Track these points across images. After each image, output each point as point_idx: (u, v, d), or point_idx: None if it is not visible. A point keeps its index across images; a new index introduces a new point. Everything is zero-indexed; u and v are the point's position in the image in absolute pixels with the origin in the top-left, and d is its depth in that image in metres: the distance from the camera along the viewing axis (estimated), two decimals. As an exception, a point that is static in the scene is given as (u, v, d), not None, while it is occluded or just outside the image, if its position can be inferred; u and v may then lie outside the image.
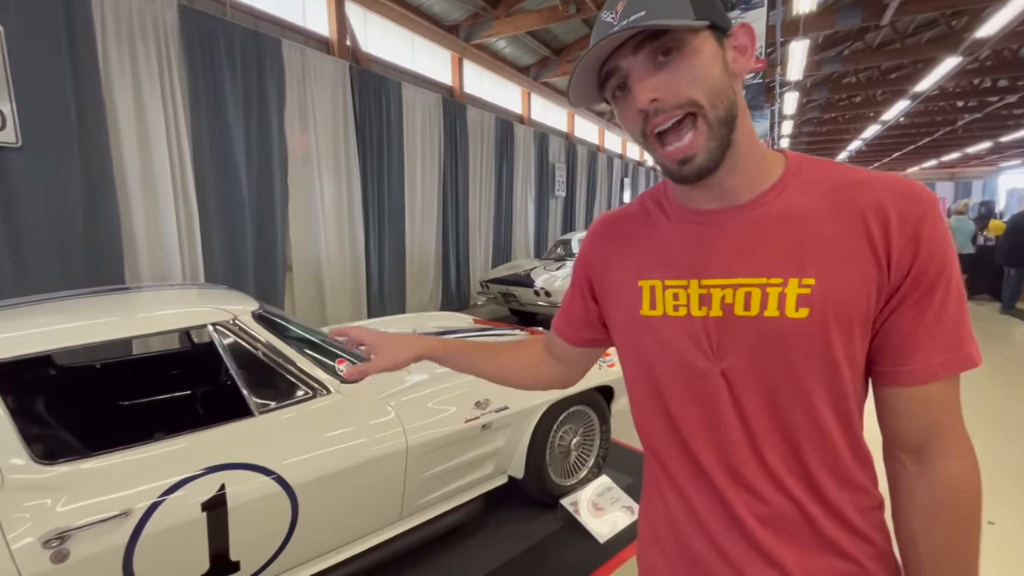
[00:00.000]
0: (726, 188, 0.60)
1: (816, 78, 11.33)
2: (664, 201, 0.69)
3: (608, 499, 2.36)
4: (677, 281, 0.62)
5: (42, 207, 3.19)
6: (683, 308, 0.62)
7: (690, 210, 0.64)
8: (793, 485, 0.58)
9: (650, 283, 0.65)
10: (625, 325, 0.69)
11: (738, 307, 0.58)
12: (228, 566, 1.42)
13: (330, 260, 5.31)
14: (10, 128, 2.99)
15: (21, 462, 1.21)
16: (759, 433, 0.58)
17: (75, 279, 3.30)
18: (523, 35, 7.90)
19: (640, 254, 0.68)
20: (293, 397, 1.64)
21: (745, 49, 0.57)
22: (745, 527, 0.60)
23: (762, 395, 0.58)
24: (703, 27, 0.53)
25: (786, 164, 0.61)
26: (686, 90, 0.54)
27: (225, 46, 4.09)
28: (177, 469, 1.36)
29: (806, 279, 0.55)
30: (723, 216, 0.61)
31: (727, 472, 0.61)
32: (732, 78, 0.57)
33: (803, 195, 0.58)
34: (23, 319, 1.50)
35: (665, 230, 0.66)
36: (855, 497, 0.59)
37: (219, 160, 4.15)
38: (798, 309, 0.55)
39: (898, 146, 20.40)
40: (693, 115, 0.55)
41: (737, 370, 0.58)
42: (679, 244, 0.64)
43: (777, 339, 0.56)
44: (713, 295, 0.59)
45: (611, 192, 12.82)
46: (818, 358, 0.55)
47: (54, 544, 1.16)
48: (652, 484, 0.71)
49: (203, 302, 1.76)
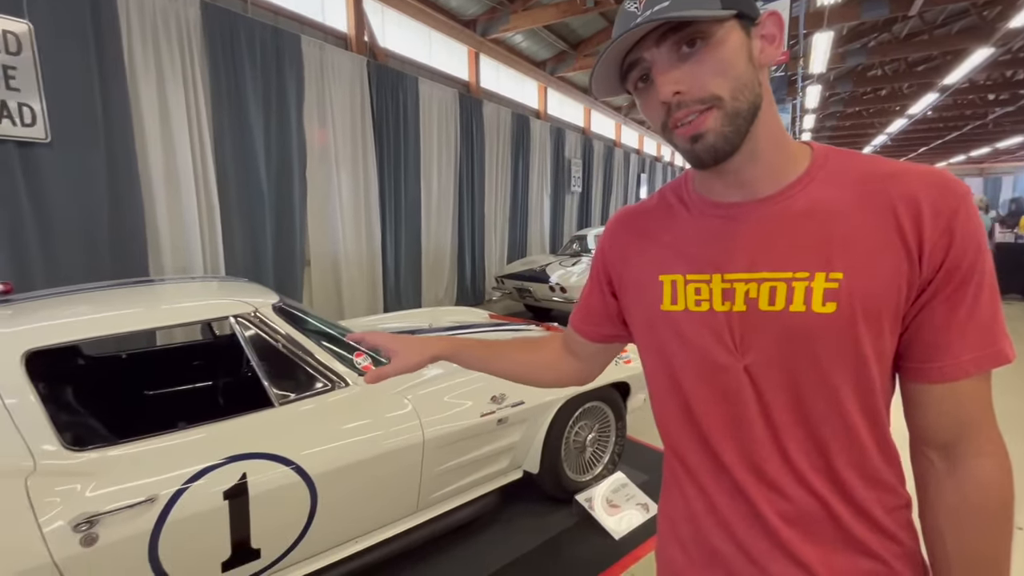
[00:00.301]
0: (746, 178, 0.59)
1: (840, 71, 11.07)
2: (685, 194, 0.68)
3: (623, 496, 2.35)
4: (699, 275, 0.61)
5: (70, 201, 3.27)
6: (705, 303, 0.61)
7: (712, 203, 0.63)
8: (818, 482, 0.57)
9: (671, 277, 0.64)
10: (645, 320, 0.69)
11: (762, 302, 0.57)
12: (249, 553, 1.45)
13: (347, 255, 5.36)
14: (40, 124, 3.07)
15: (52, 448, 1.25)
16: (783, 429, 0.58)
17: (101, 271, 3.39)
18: (540, 29, 7.86)
19: (660, 248, 0.67)
20: (312, 389, 1.66)
21: (773, 38, 0.55)
22: (768, 525, 0.59)
23: (786, 391, 0.57)
24: (729, 17, 0.52)
25: (812, 156, 0.59)
26: (709, 83, 0.53)
27: (246, 42, 4.14)
28: (200, 458, 1.39)
29: (833, 273, 0.54)
30: (746, 209, 0.60)
31: (750, 469, 0.60)
32: (758, 69, 0.55)
33: (830, 187, 0.57)
34: (53, 309, 1.54)
35: (686, 223, 0.65)
36: (881, 495, 0.58)
37: (239, 155, 4.21)
38: (825, 304, 0.54)
39: (924, 141, 19.85)
40: (713, 108, 0.54)
41: (761, 365, 0.58)
42: (701, 238, 0.63)
43: (803, 334, 0.55)
44: (736, 289, 0.59)
45: (627, 188, 12.70)
46: (845, 353, 0.54)
47: (83, 528, 1.19)
48: (672, 480, 0.71)
49: (225, 295, 1.79)
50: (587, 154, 10.35)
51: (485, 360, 0.86)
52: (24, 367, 1.28)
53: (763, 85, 0.56)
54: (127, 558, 1.26)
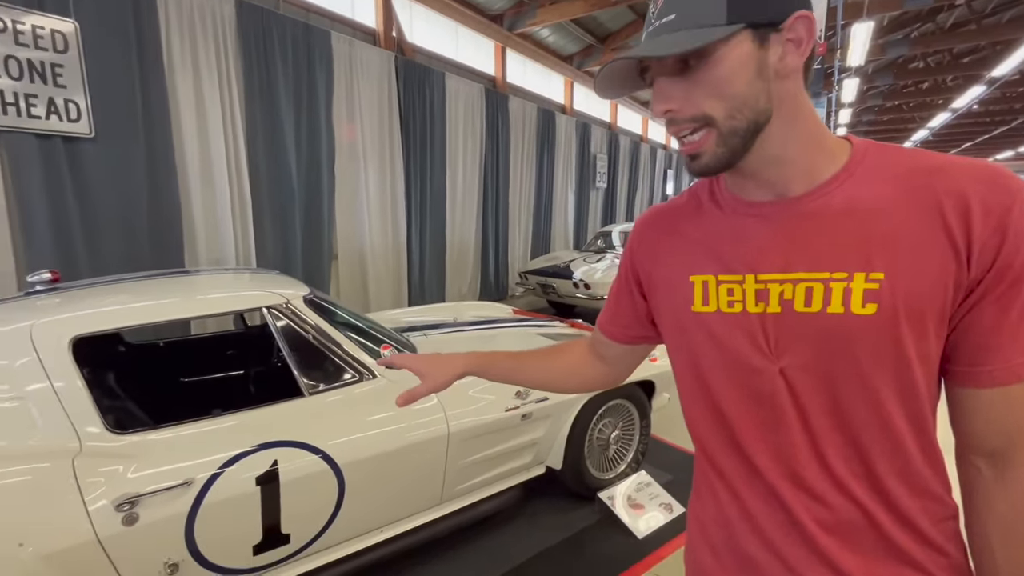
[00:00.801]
0: (773, 180, 0.58)
1: (879, 63, 10.66)
2: (717, 191, 0.66)
3: (647, 495, 2.33)
4: (732, 276, 0.60)
5: (112, 194, 3.40)
6: (738, 304, 0.59)
7: (744, 201, 0.61)
8: (859, 490, 0.55)
9: (703, 278, 0.62)
10: (675, 321, 0.67)
11: (798, 303, 0.55)
12: (279, 538, 1.49)
13: (373, 249, 5.43)
14: (84, 120, 3.19)
15: (96, 430, 1.31)
16: (821, 434, 0.56)
17: (140, 261, 3.51)
18: (567, 23, 7.78)
19: (691, 247, 0.65)
20: (340, 380, 1.69)
21: (801, 42, 0.52)
22: (806, 531, 0.57)
23: (824, 395, 0.55)
24: (732, 33, 0.50)
25: (851, 152, 0.57)
26: (702, 103, 0.53)
27: (278, 39, 4.22)
28: (234, 444, 1.43)
29: (874, 273, 0.52)
30: (779, 208, 0.58)
31: (786, 475, 0.58)
32: (775, 78, 0.53)
33: (869, 184, 0.54)
34: (98, 298, 1.61)
35: (718, 222, 0.63)
36: (927, 504, 0.55)
37: (271, 150, 4.30)
38: (865, 305, 0.52)
39: (969, 136, 18.99)
40: (707, 127, 0.54)
41: (797, 368, 0.56)
42: (733, 237, 0.61)
43: (841, 336, 0.53)
44: (771, 290, 0.57)
45: (653, 184, 12.51)
46: (887, 356, 0.52)
47: (125, 508, 1.24)
48: (703, 482, 0.69)
49: (257, 286, 1.83)
50: (613, 149, 10.24)
51: (512, 372, 0.87)
52: (71, 353, 1.34)
53: (787, 92, 0.54)
54: (165, 538, 1.31)
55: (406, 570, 1.90)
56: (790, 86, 0.54)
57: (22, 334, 1.32)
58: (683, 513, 2.26)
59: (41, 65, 2.99)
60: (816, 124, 0.57)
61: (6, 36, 2.86)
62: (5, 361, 1.28)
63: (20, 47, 2.91)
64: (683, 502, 2.31)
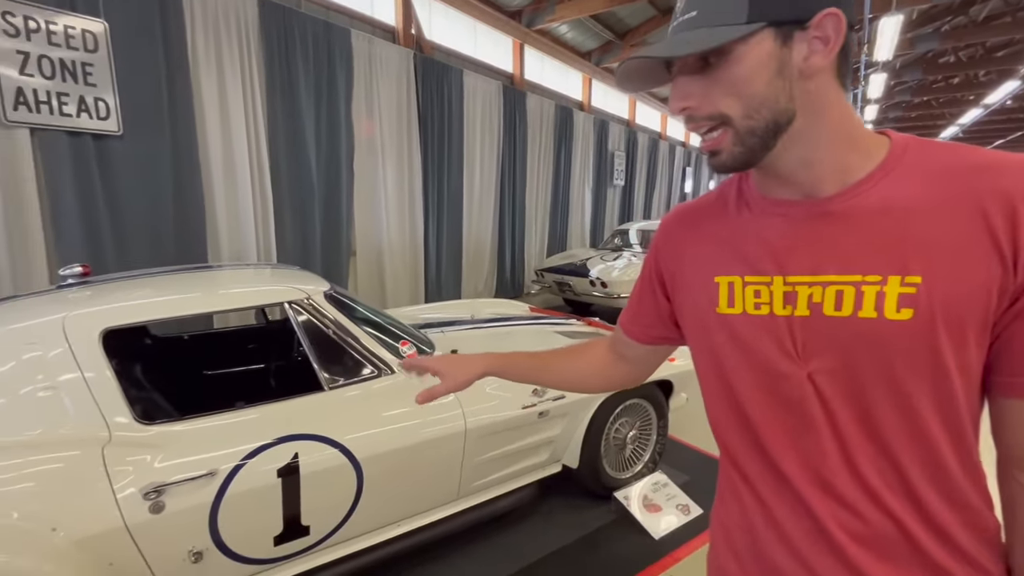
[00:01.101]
0: (800, 180, 0.56)
1: (908, 58, 10.36)
2: (745, 190, 0.64)
3: (663, 496, 2.31)
4: (759, 278, 0.58)
5: (138, 190, 3.48)
6: (765, 306, 0.58)
7: (772, 200, 0.60)
8: (892, 501, 0.53)
9: (728, 279, 0.61)
10: (699, 323, 0.66)
11: (827, 306, 0.53)
12: (299, 529, 1.51)
13: (391, 245, 5.48)
14: (113, 118, 3.27)
15: (125, 420, 1.34)
16: (852, 443, 0.54)
17: (165, 256, 3.59)
18: (586, 19, 7.71)
19: (717, 248, 0.64)
20: (360, 375, 1.71)
21: (828, 41, 0.50)
22: (834, 541, 0.56)
23: (854, 401, 0.53)
24: (753, 32, 0.49)
25: (889, 148, 0.55)
26: (718, 102, 0.53)
27: (299, 37, 4.27)
28: (256, 436, 1.45)
29: (910, 277, 0.49)
30: (809, 207, 0.56)
31: (815, 482, 0.57)
32: (798, 79, 0.51)
33: (907, 183, 0.52)
34: (126, 291, 1.64)
35: (746, 222, 0.62)
36: (966, 517, 0.53)
37: (291, 147, 4.36)
38: (899, 310, 0.50)
39: (1001, 133, 18.37)
40: (724, 126, 0.54)
41: (825, 373, 0.54)
42: (761, 237, 0.59)
43: (873, 342, 0.51)
44: (799, 293, 0.55)
45: (672, 181, 12.37)
46: (923, 365, 0.50)
47: (152, 496, 1.27)
48: (727, 487, 0.68)
49: (279, 281, 1.86)
50: (631, 147, 10.15)
51: (532, 372, 0.87)
52: (101, 344, 1.37)
53: (813, 92, 0.52)
54: (190, 527, 1.34)
55: (423, 564, 1.92)
56: (816, 85, 0.52)
57: (55, 326, 1.36)
58: (701, 515, 2.23)
59: (72, 64, 3.07)
60: (849, 123, 0.55)
61: (40, 36, 2.94)
62: (39, 352, 1.32)
63: (53, 47, 3.00)
64: (701, 503, 2.28)
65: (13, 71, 2.88)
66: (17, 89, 2.90)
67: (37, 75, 2.96)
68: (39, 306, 1.49)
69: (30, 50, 2.92)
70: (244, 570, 1.47)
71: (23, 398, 1.27)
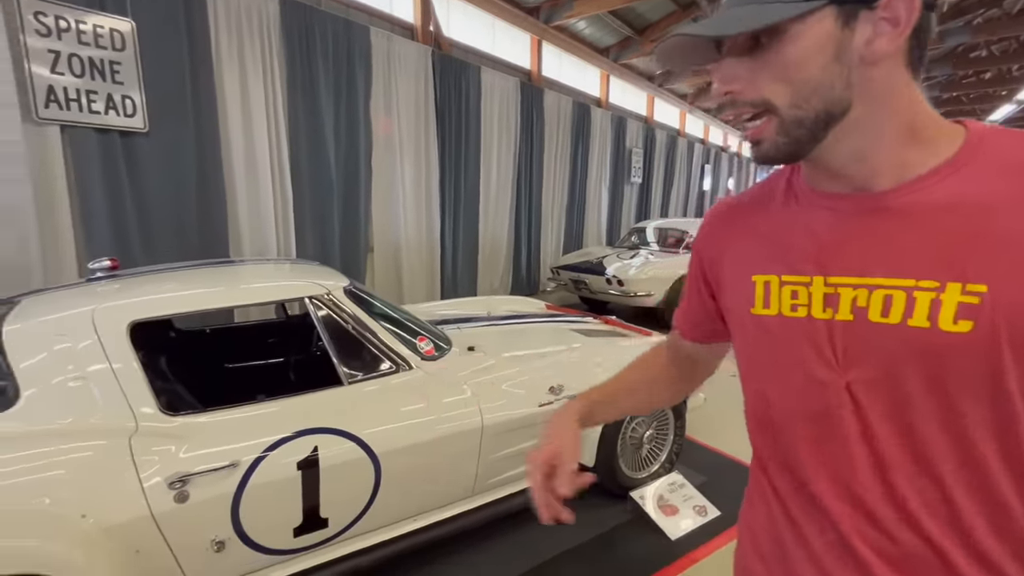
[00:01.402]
0: (851, 174, 0.51)
1: (937, 52, 10.05)
2: (795, 181, 0.59)
3: (680, 496, 2.29)
4: (797, 277, 0.55)
5: (163, 186, 3.55)
6: (803, 308, 0.54)
7: (820, 193, 0.55)
8: (930, 524, 0.49)
9: (765, 278, 0.58)
10: (737, 323, 0.63)
11: (873, 312, 0.49)
12: (318, 522, 1.53)
13: (408, 242, 5.51)
14: (139, 115, 3.35)
15: (151, 411, 1.37)
16: (890, 461, 0.50)
17: (189, 251, 3.66)
18: (605, 14, 7.63)
19: (757, 244, 0.60)
20: (378, 370, 1.72)
21: (898, 22, 0.45)
22: (859, 557, 0.53)
23: (896, 416, 0.49)
24: (801, 13, 0.45)
25: (964, 141, 0.49)
26: (764, 88, 0.49)
27: (319, 35, 4.31)
28: (276, 429, 1.47)
29: (973, 285, 0.44)
30: (860, 201, 0.51)
31: (845, 498, 0.53)
32: (859, 65, 0.46)
33: (981, 180, 0.46)
34: (152, 285, 1.68)
35: (793, 215, 0.58)
36: (1016, 550, 0.48)
37: (311, 144, 4.41)
38: (957, 321, 0.45)
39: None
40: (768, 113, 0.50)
41: (866, 384, 0.50)
42: (804, 234, 0.55)
43: (923, 354, 0.46)
44: (841, 295, 0.51)
45: (690, 179, 12.21)
46: (980, 385, 0.45)
47: (177, 486, 1.30)
48: (756, 490, 0.66)
49: (300, 276, 1.88)
50: (649, 143, 10.04)
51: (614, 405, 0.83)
52: (129, 336, 1.41)
53: (875, 80, 0.47)
54: (213, 517, 1.37)
55: (438, 560, 1.93)
56: (879, 73, 0.47)
57: (85, 318, 1.39)
58: (718, 517, 2.21)
59: (101, 63, 3.14)
60: (915, 114, 0.49)
61: (70, 35, 3.01)
62: (70, 343, 1.36)
63: (82, 46, 3.07)
64: (718, 505, 2.26)
65: (45, 69, 2.95)
66: (48, 87, 2.97)
67: (67, 73, 3.03)
68: (70, 299, 1.53)
69: (60, 49, 2.99)
70: (265, 560, 1.50)
71: (55, 387, 1.31)
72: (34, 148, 3.02)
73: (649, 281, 5.21)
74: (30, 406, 1.27)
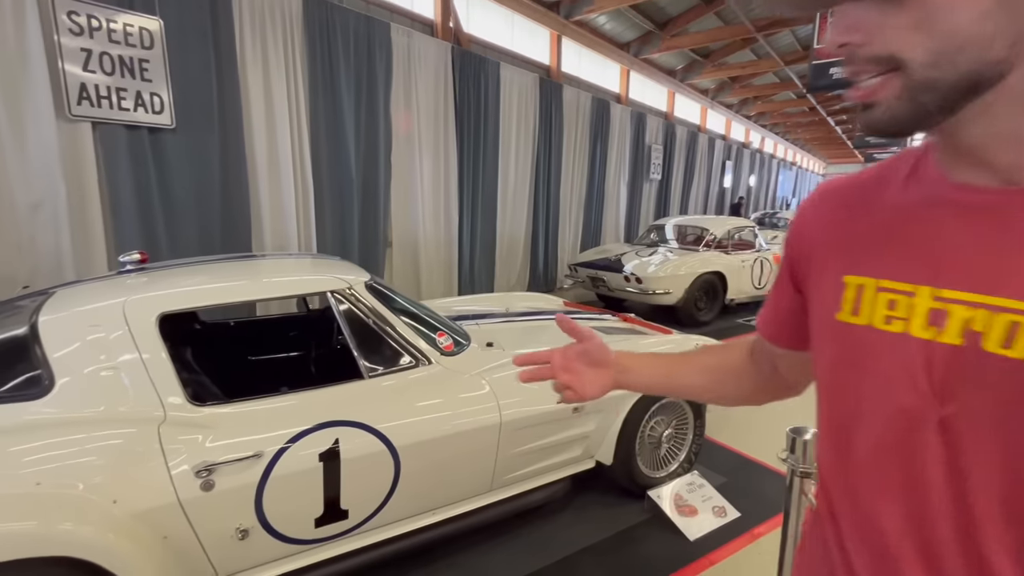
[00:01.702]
0: (1000, 162, 0.41)
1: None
2: (923, 166, 0.48)
3: (699, 497, 2.26)
4: (898, 284, 0.45)
5: (189, 181, 3.63)
6: (899, 322, 0.45)
7: (950, 184, 0.44)
8: None
9: (858, 280, 0.48)
10: (819, 328, 0.54)
11: (992, 340, 0.39)
12: (339, 513, 1.56)
13: (426, 238, 5.54)
14: (167, 112, 3.42)
15: (179, 401, 1.40)
16: (981, 519, 0.41)
17: (213, 245, 3.75)
18: (626, 9, 7.54)
19: (854, 237, 0.51)
20: (398, 365, 1.73)
21: None
22: None
23: (1000, 467, 0.40)
24: None
25: None
26: (895, 39, 0.38)
27: (341, 32, 4.35)
28: (299, 421, 1.50)
29: None
30: (1000, 199, 0.41)
31: (917, 548, 0.45)
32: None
33: None
34: (180, 278, 1.72)
35: (911, 206, 0.47)
36: None
37: (332, 140, 4.46)
38: None
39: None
40: (894, 72, 0.39)
41: (967, 421, 0.41)
42: (918, 229, 0.46)
43: None
44: (952, 313, 0.42)
45: (711, 176, 12.03)
46: None
47: (203, 475, 1.33)
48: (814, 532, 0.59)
49: (322, 271, 1.90)
50: (669, 140, 9.91)
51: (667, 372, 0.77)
52: (158, 328, 1.44)
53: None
54: (237, 505, 1.40)
55: (455, 553, 1.94)
56: None
57: (116, 310, 1.43)
58: (737, 518, 2.18)
59: (130, 61, 3.22)
60: None
61: (101, 34, 3.09)
62: (102, 333, 1.40)
63: (113, 44, 3.15)
64: (737, 506, 2.23)
65: (77, 68, 3.04)
66: (80, 85, 3.06)
67: (99, 71, 3.11)
68: (101, 291, 1.57)
69: (92, 47, 3.07)
70: (287, 549, 1.53)
71: (87, 376, 1.35)
72: (67, 144, 3.12)
73: (668, 279, 5.16)
74: (64, 394, 1.31)
